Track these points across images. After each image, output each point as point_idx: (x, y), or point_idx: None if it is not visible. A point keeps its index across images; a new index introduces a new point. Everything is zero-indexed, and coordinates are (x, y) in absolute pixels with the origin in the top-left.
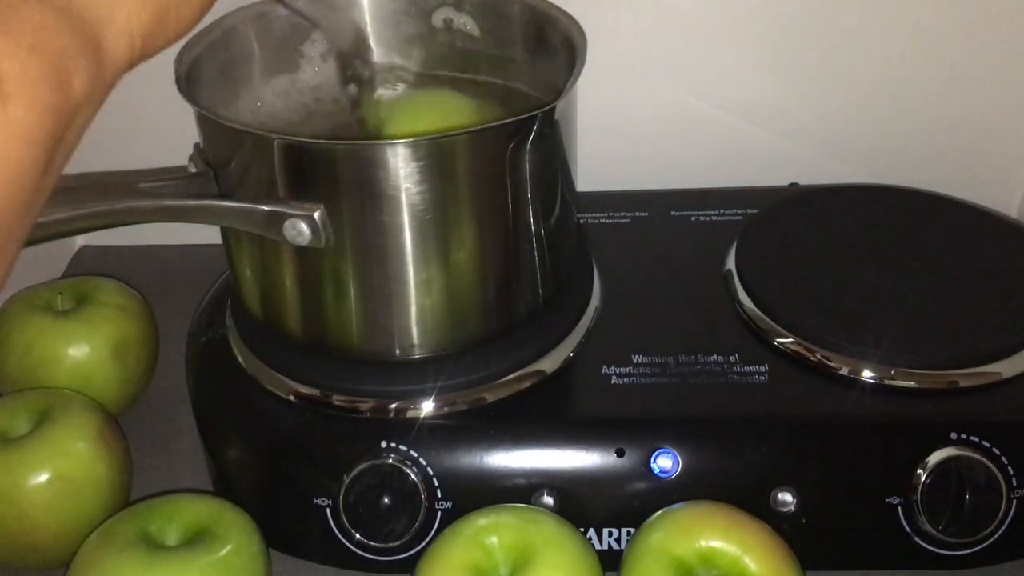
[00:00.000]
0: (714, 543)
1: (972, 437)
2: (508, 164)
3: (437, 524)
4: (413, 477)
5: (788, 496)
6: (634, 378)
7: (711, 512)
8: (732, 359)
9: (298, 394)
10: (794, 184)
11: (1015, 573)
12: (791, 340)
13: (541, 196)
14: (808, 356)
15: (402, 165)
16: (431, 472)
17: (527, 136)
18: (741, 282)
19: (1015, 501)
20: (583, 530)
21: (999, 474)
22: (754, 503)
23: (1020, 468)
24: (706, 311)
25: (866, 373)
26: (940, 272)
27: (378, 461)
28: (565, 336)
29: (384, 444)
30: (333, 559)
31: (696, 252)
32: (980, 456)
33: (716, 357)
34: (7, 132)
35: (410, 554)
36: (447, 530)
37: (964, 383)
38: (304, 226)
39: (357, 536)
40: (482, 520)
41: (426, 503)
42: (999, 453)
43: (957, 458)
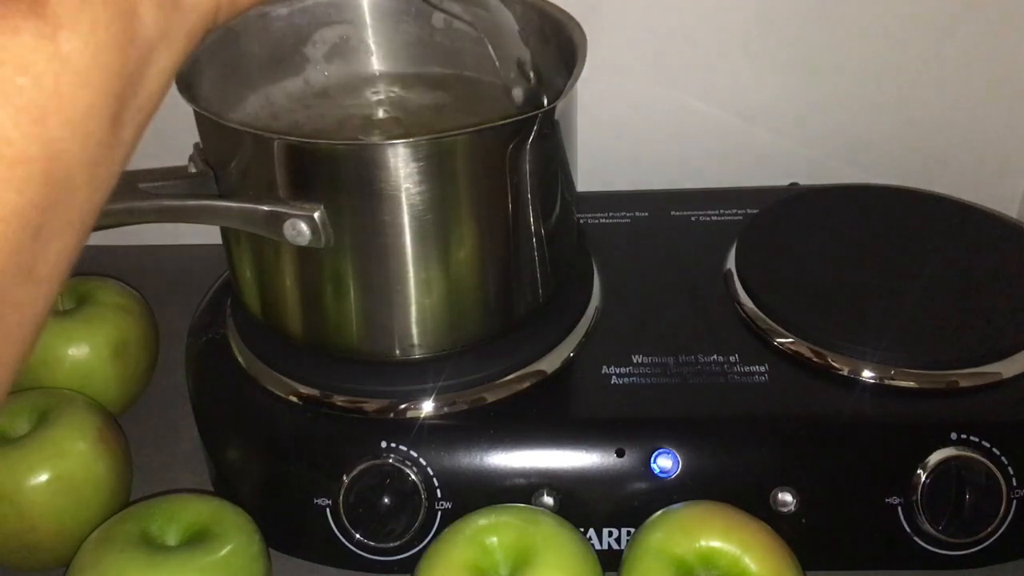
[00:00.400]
0: (714, 543)
1: (972, 437)
2: (508, 164)
3: (437, 524)
4: (413, 477)
5: (788, 496)
6: (634, 378)
7: (711, 512)
8: (732, 359)
9: (298, 394)
10: (794, 184)
11: (1015, 573)
12: (791, 340)
13: (541, 196)
14: (808, 356)
15: (402, 165)
16: (431, 472)
17: (527, 136)
18: (741, 282)
19: (1015, 501)
20: (583, 530)
21: (999, 474)
22: (754, 503)
23: (1020, 468)
24: (706, 311)
25: (866, 373)
26: (940, 272)
27: (378, 461)
28: (565, 336)
29: (384, 444)
30: (333, 559)
31: (696, 252)
32: (980, 456)
33: (716, 357)
34: (59, 67)
35: (410, 554)
36: (447, 530)
37: (964, 383)
38: (304, 226)
39: (357, 536)
40: (482, 520)
41: (426, 503)
42: (999, 453)
43: (957, 458)
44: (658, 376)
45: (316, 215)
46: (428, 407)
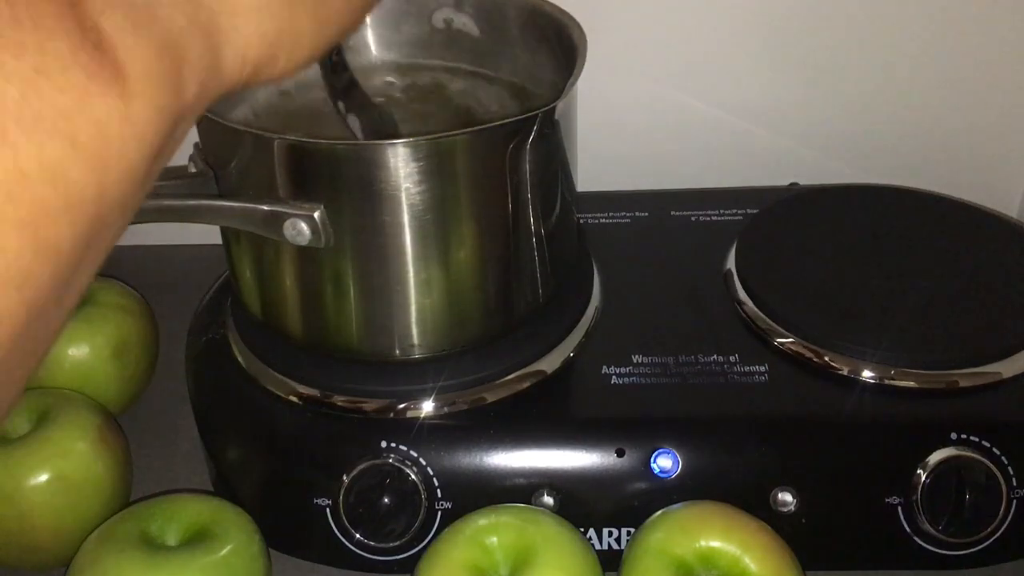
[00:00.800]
0: (714, 543)
1: (972, 437)
2: (508, 164)
3: (437, 524)
4: (413, 477)
5: (788, 496)
6: (634, 378)
7: (711, 512)
8: (732, 359)
9: (298, 394)
10: (794, 184)
11: (1015, 573)
12: (791, 340)
13: (541, 196)
14: (808, 356)
15: (402, 165)
16: (431, 472)
17: (527, 136)
18: (741, 282)
19: (1015, 501)
20: (583, 530)
21: (999, 474)
22: (754, 503)
23: (1020, 468)
24: (706, 311)
25: (866, 373)
26: (940, 272)
27: (378, 461)
28: (565, 336)
29: (384, 444)
30: (333, 559)
31: (696, 252)
32: (980, 456)
33: (716, 357)
34: (128, 129)
35: (410, 554)
36: (447, 530)
37: (964, 383)
38: (304, 226)
39: (357, 536)
40: (482, 520)
41: (426, 503)
42: (999, 453)
43: (957, 458)
44: (658, 376)
45: (316, 215)
46: (428, 407)
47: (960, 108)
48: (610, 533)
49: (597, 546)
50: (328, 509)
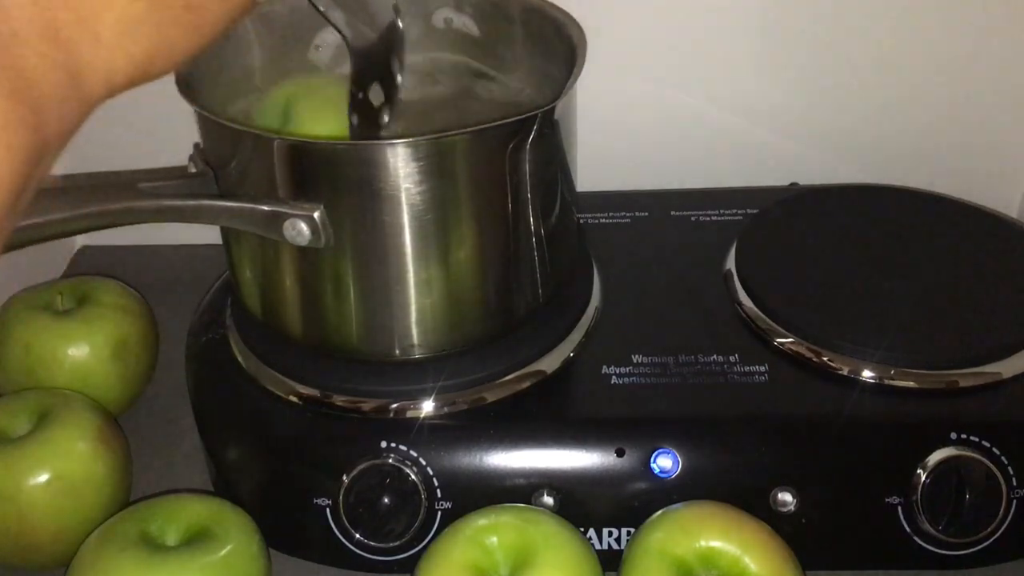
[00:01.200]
0: (714, 543)
1: (972, 437)
2: (508, 164)
3: (437, 524)
4: (413, 477)
5: (788, 496)
6: (634, 378)
7: (711, 512)
8: (732, 359)
9: (298, 394)
10: (794, 184)
11: (1015, 573)
12: (791, 340)
13: (541, 196)
14: (808, 356)
15: (402, 165)
16: (431, 472)
17: (527, 136)
18: (741, 282)
19: (1015, 501)
20: (583, 530)
21: (999, 474)
22: (754, 503)
23: (1020, 468)
24: (706, 311)
25: (866, 373)
26: (940, 272)
27: (378, 461)
28: (565, 336)
29: (384, 444)
30: (333, 559)
31: (696, 252)
32: (980, 456)
33: (716, 357)
34: None
35: (410, 554)
36: (447, 530)
37: (964, 383)
38: (304, 226)
39: (357, 536)
40: (482, 520)
41: (426, 503)
42: (999, 453)
43: (957, 458)
44: (658, 376)
45: (316, 215)
46: (428, 407)
47: (960, 108)
48: (610, 533)
49: (597, 546)
50: (328, 509)
